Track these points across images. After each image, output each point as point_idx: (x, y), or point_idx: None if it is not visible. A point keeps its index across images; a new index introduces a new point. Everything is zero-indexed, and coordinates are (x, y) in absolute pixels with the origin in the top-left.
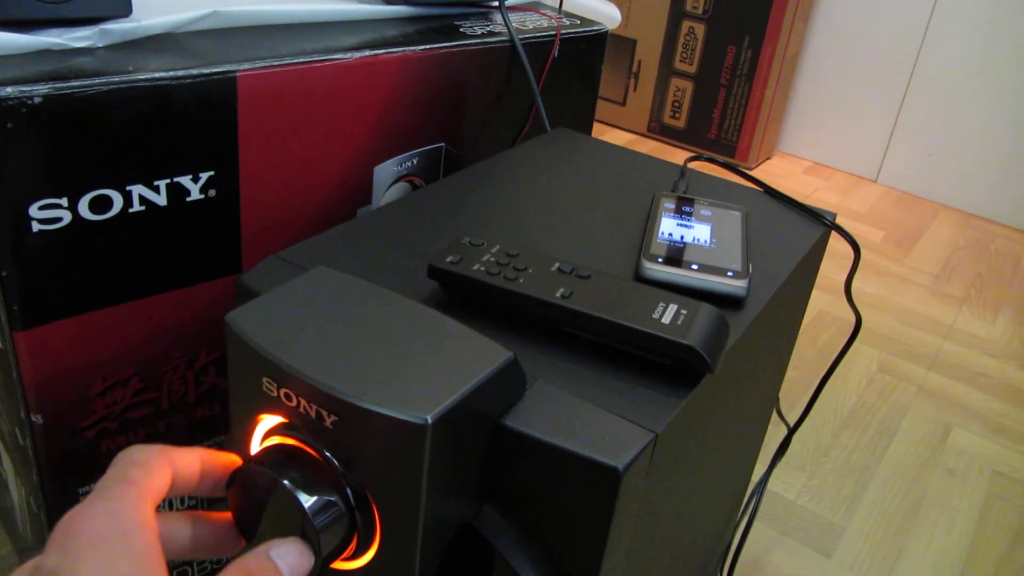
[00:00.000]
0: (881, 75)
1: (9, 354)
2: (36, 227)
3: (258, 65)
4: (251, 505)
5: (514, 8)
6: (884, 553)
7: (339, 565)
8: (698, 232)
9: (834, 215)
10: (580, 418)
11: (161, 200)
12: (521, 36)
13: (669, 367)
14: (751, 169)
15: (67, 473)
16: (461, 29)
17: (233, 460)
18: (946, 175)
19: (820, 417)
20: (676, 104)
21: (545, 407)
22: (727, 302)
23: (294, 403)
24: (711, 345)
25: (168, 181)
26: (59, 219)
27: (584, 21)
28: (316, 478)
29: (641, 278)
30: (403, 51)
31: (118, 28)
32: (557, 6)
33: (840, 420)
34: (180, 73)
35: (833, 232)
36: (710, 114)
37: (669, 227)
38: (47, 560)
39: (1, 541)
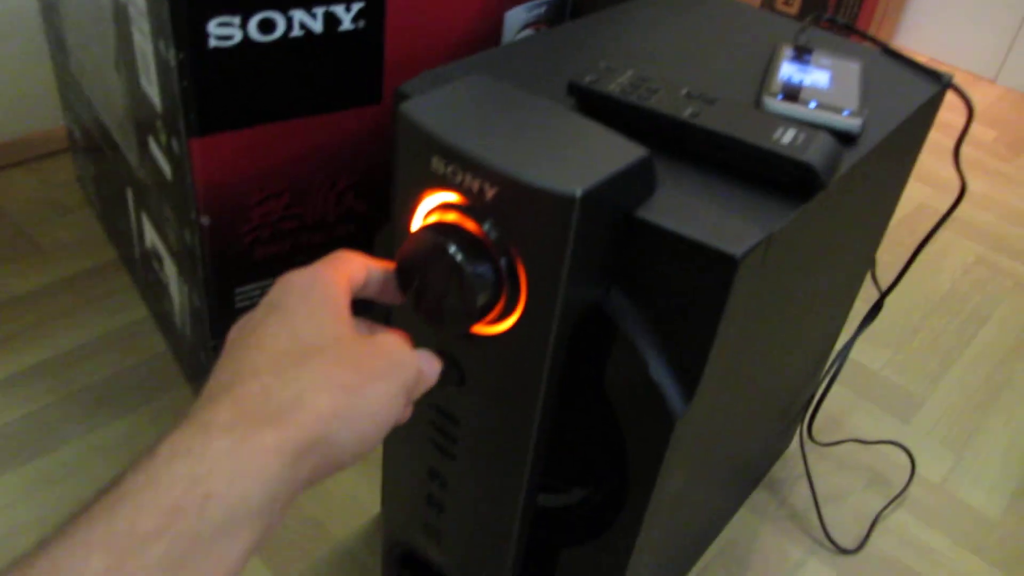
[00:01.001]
0: None
1: (185, 161)
2: (212, 43)
3: None
4: (414, 273)
5: None
6: (961, 426)
7: (482, 329)
8: (816, 76)
9: (951, 76)
10: (704, 214)
11: (317, 26)
12: None
13: (786, 184)
14: None
15: (226, 273)
16: None
17: None
18: None
19: (912, 300)
20: None
21: (672, 204)
22: (842, 137)
23: (459, 179)
24: (825, 165)
25: (324, 9)
26: (231, 36)
27: None
28: (473, 246)
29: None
30: None
31: None
32: None
33: (932, 304)
34: None
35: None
36: (825, 2)
37: (789, 70)
38: (269, 297)
39: (158, 342)
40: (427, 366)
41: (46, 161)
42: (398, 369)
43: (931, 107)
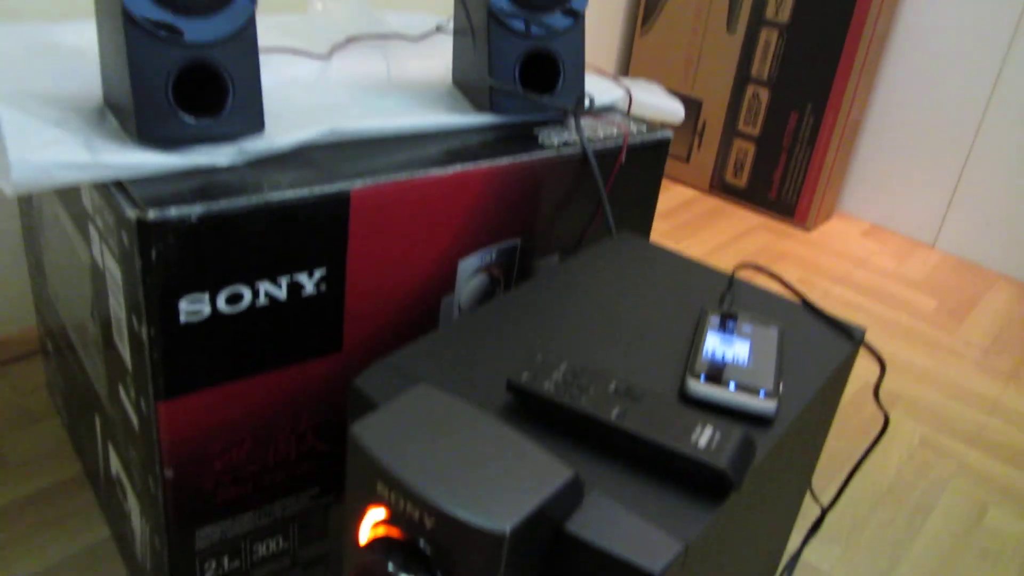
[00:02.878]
0: (942, 141)
1: (152, 420)
2: (183, 319)
3: (368, 182)
4: None
5: (586, 115)
6: None
7: None
8: (738, 350)
9: (863, 330)
10: (626, 527)
11: (282, 295)
12: (592, 144)
13: (704, 481)
14: (809, 231)
15: (187, 518)
16: (540, 139)
17: None
18: (1004, 243)
19: (859, 492)
20: (738, 164)
21: (597, 515)
22: (758, 420)
23: (401, 506)
24: (738, 467)
25: (289, 279)
26: (200, 312)
27: (650, 127)
28: (412, 560)
29: (685, 394)
30: (490, 164)
31: (254, 147)
32: (626, 110)
33: (878, 495)
34: (305, 192)
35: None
36: (771, 175)
37: (713, 344)
38: None
39: (119, 568)
40: None
41: (16, 365)
42: None
43: (846, 364)
